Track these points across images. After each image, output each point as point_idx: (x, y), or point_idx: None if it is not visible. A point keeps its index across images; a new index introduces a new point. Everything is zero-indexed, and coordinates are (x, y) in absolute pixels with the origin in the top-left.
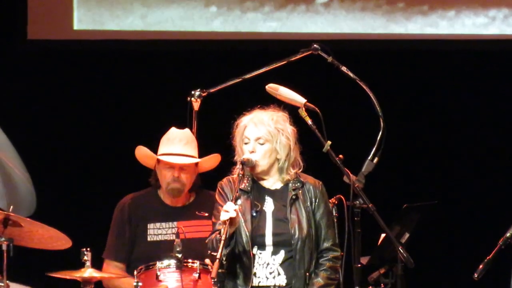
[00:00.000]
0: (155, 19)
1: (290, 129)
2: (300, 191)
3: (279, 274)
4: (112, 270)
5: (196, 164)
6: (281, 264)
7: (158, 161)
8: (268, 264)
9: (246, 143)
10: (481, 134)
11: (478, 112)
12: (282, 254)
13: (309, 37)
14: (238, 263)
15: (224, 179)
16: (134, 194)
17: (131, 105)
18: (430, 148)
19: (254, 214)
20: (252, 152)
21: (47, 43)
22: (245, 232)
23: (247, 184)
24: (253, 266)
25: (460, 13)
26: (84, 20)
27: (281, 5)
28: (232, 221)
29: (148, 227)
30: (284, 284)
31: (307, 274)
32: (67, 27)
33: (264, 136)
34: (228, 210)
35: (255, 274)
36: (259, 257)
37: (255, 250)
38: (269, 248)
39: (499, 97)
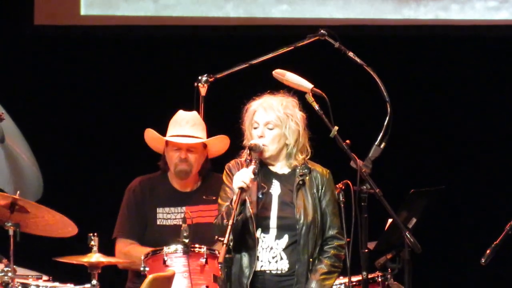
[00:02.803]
0: (164, 3)
1: (299, 115)
2: (307, 177)
3: (281, 258)
4: (126, 247)
5: (205, 146)
6: (285, 249)
7: (167, 144)
8: (271, 248)
9: (255, 128)
10: (489, 119)
11: (487, 97)
12: (286, 238)
13: (319, 22)
14: (242, 246)
15: (232, 161)
16: (145, 177)
17: (138, 90)
18: (437, 134)
19: (260, 196)
20: (261, 136)
21: (54, 29)
22: (250, 214)
23: (255, 166)
24: (257, 249)
25: None
26: (91, 5)
27: None
28: (245, 189)
29: (157, 211)
30: (286, 269)
31: (311, 260)
32: (74, 13)
33: (273, 121)
34: (244, 178)
35: (258, 257)
36: (262, 241)
37: (258, 233)
38: (273, 231)
39: (508, 83)
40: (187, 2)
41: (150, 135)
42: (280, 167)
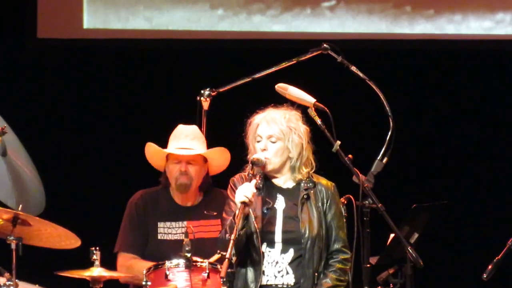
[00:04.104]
0: (163, 20)
1: (302, 128)
2: (312, 191)
3: (287, 273)
4: (128, 261)
5: (205, 161)
6: (290, 263)
7: (167, 158)
8: (277, 262)
9: (258, 141)
10: (489, 133)
11: (488, 110)
12: (291, 252)
13: (316, 37)
14: (248, 260)
15: (237, 175)
16: (146, 191)
17: (141, 104)
18: (439, 148)
19: (265, 211)
20: (264, 150)
21: (57, 42)
22: (255, 229)
23: (259, 182)
24: (263, 263)
25: (467, 16)
26: (94, 19)
27: (287, 8)
28: (247, 203)
29: (159, 226)
30: (292, 284)
31: (316, 274)
32: (76, 26)
33: (276, 134)
34: (246, 192)
35: (263, 272)
36: (268, 255)
37: (264, 247)
38: (278, 246)
39: (508, 96)
40: (182, 20)
41: (151, 149)
42: (284, 181)
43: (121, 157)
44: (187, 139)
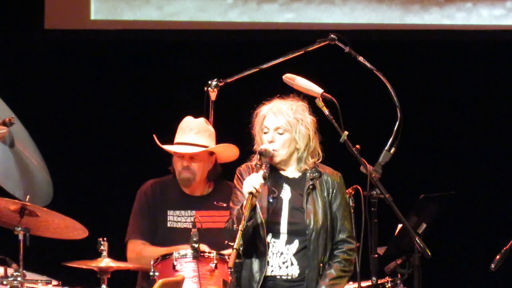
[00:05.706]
0: (171, 10)
1: (309, 119)
2: (317, 181)
3: (292, 264)
4: (137, 248)
5: (212, 154)
6: (295, 254)
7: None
8: (281, 253)
9: (265, 133)
10: (498, 124)
11: (496, 101)
12: (296, 243)
13: (325, 27)
14: (253, 250)
15: (243, 165)
16: (156, 180)
17: (148, 95)
18: (447, 138)
19: (271, 200)
20: (271, 141)
21: (64, 33)
22: (260, 219)
23: (265, 171)
24: (267, 254)
25: (477, 4)
26: (101, 10)
27: None
28: (255, 194)
29: (168, 214)
30: (297, 275)
31: (321, 265)
32: (84, 17)
33: (283, 125)
34: (254, 183)
35: (268, 262)
36: (273, 246)
37: (269, 238)
38: (283, 237)
39: None
40: (191, 10)
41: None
42: (291, 171)
43: (129, 148)
44: (191, 133)
